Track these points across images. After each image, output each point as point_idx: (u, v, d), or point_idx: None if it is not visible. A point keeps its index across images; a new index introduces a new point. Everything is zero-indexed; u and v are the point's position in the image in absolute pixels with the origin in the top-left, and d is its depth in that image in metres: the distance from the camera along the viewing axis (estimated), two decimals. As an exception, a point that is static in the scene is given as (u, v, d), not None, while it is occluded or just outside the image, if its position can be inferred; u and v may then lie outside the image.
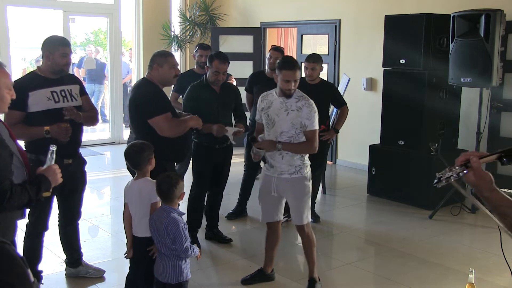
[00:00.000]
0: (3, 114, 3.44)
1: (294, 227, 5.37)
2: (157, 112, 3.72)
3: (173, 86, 5.84)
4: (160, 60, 3.81)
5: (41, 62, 3.73)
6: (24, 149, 3.27)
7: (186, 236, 3.07)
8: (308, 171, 3.78)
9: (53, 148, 2.59)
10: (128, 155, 3.37)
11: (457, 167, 1.83)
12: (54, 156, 2.60)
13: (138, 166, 3.34)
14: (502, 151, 1.82)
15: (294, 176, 3.71)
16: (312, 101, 3.69)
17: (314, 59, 5.09)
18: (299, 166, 3.72)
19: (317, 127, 3.70)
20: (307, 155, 3.78)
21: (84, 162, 3.89)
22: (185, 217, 4.71)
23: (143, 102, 3.77)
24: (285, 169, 3.70)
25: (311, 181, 3.79)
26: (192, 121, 3.94)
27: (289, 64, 3.64)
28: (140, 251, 3.38)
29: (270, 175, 3.77)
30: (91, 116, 3.83)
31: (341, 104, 5.36)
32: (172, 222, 3.04)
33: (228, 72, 5.26)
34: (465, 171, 1.79)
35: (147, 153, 3.33)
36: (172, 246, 3.05)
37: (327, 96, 5.25)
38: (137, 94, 3.83)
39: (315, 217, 5.44)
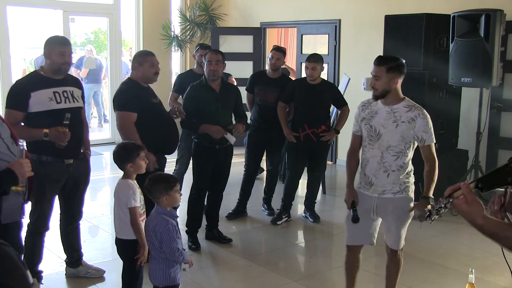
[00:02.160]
0: (4, 114, 3.45)
1: (295, 227, 5.43)
2: (121, 107, 4.02)
3: (173, 86, 5.86)
4: (140, 59, 4.06)
5: (40, 62, 3.75)
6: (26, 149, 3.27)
7: (174, 238, 2.96)
8: (412, 191, 3.33)
9: (21, 142, 2.71)
10: (113, 154, 3.33)
11: (442, 199, 1.84)
12: (24, 151, 2.68)
13: (119, 166, 3.29)
14: (478, 179, 1.81)
15: (398, 195, 3.26)
16: (425, 111, 3.23)
17: (315, 59, 5.09)
18: (405, 184, 3.28)
19: (434, 140, 3.26)
20: (412, 172, 3.35)
21: (87, 162, 3.90)
22: (184, 218, 4.75)
23: (116, 95, 4.14)
24: (389, 188, 3.26)
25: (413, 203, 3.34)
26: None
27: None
28: (122, 253, 3.36)
29: (369, 194, 3.31)
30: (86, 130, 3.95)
31: (342, 105, 5.36)
32: (160, 222, 2.96)
33: (228, 72, 5.27)
34: (451, 200, 1.80)
35: (129, 154, 3.23)
36: (159, 249, 2.97)
37: (328, 96, 5.25)
38: (117, 89, 4.19)
39: (314, 217, 5.44)
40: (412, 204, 3.30)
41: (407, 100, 3.26)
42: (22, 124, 3.53)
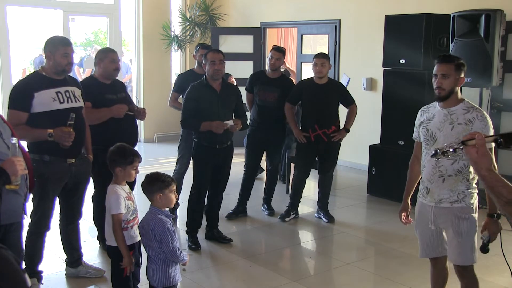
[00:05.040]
0: (6, 114, 3.44)
1: (295, 227, 5.43)
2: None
3: (173, 86, 5.86)
4: (101, 55, 4.20)
5: (38, 62, 3.75)
6: (27, 149, 3.27)
7: (173, 237, 2.95)
8: (474, 200, 3.09)
9: (14, 141, 2.69)
10: (109, 152, 3.29)
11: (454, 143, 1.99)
12: (16, 148, 2.67)
13: (110, 166, 3.25)
14: (499, 135, 1.92)
15: (456, 205, 3.05)
16: (486, 113, 3.04)
17: (324, 55, 5.20)
18: (463, 193, 3.05)
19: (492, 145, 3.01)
20: (474, 181, 3.09)
21: (89, 162, 3.91)
22: (184, 217, 4.75)
23: None
24: (446, 196, 3.06)
25: (477, 213, 3.11)
26: (112, 111, 4.09)
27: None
28: (111, 259, 3.30)
29: (427, 203, 3.14)
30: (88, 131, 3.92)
31: (349, 103, 5.35)
32: (158, 223, 2.93)
33: (228, 72, 5.28)
34: (461, 147, 1.94)
35: (124, 158, 3.19)
36: (159, 250, 2.94)
37: (335, 96, 5.25)
38: None
39: (329, 217, 5.44)
40: (472, 215, 3.07)
41: (466, 102, 3.08)
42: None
